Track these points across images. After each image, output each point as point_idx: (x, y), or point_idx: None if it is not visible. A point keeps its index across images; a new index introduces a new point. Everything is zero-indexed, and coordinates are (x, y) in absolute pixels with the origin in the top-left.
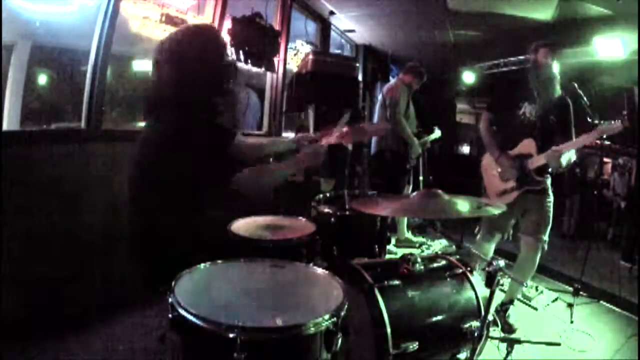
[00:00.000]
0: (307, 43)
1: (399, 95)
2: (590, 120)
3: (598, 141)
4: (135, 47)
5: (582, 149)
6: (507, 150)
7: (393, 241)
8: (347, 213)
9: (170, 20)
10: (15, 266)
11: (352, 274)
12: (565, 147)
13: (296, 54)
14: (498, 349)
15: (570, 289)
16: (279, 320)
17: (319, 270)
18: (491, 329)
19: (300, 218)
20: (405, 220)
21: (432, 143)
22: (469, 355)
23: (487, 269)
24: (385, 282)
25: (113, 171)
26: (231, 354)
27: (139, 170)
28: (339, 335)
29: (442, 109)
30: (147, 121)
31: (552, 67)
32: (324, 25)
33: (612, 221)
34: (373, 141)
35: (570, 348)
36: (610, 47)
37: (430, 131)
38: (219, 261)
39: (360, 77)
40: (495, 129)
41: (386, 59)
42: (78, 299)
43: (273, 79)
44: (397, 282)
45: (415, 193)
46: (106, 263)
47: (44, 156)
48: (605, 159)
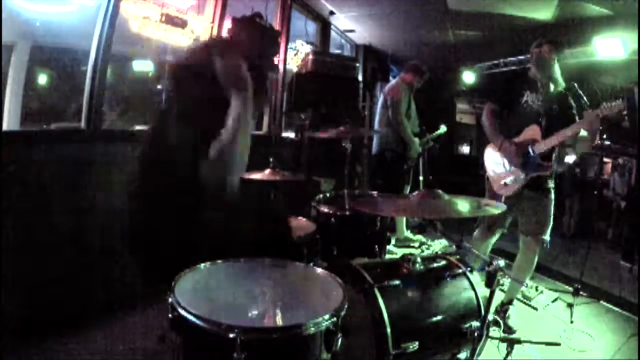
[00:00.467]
0: (307, 43)
1: (400, 95)
2: None
3: (598, 141)
4: (135, 47)
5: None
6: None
7: (393, 241)
8: (347, 213)
9: (170, 20)
10: (16, 266)
11: (352, 274)
12: (574, 128)
13: (296, 54)
14: (498, 349)
15: (570, 289)
16: (279, 320)
17: (319, 270)
18: (491, 329)
19: (300, 218)
20: (404, 218)
21: (435, 140)
22: (469, 355)
23: (487, 269)
24: (385, 282)
25: (113, 171)
26: (231, 354)
27: (147, 169)
28: (339, 335)
29: (442, 109)
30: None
31: (555, 63)
32: (324, 25)
33: (612, 221)
34: (373, 141)
35: (570, 348)
36: (610, 47)
37: (435, 129)
38: (219, 261)
39: (360, 77)
40: (499, 122)
41: (386, 59)
42: (78, 299)
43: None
44: (397, 282)
45: (415, 193)
46: (106, 263)
47: (44, 156)
48: (605, 159)
